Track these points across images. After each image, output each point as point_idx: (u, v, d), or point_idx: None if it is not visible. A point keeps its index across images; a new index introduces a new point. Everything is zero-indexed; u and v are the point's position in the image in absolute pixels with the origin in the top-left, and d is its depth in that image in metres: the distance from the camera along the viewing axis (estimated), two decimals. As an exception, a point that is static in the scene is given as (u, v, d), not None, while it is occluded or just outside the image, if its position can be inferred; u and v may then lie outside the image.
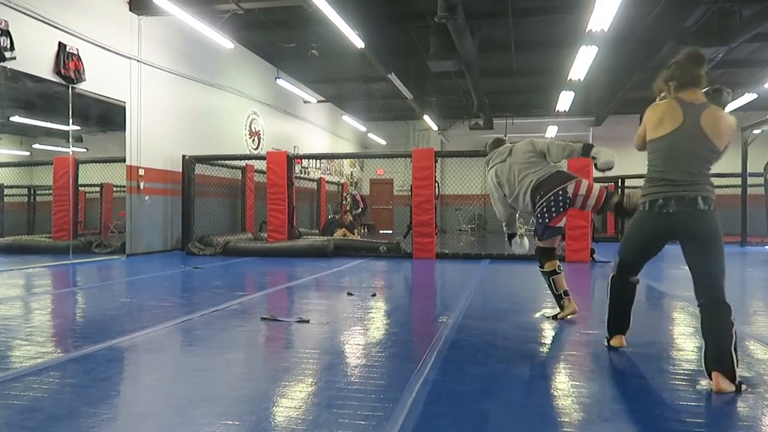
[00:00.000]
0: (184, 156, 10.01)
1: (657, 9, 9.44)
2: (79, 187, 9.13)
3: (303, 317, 4.03)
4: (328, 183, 16.86)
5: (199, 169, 10.30)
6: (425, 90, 15.39)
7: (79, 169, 8.92)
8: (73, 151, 8.39)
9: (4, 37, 6.65)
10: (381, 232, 17.72)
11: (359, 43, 9.09)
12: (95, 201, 10.12)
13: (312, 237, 11.09)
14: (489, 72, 13.79)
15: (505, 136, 18.44)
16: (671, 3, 9.20)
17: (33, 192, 9.70)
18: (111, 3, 8.56)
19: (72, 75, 7.68)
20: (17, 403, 2.30)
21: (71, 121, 7.92)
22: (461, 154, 11.80)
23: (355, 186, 20.64)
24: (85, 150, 9.17)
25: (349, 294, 5.19)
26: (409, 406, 2.27)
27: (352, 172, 20.60)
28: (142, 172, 9.16)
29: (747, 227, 11.94)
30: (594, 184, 4.02)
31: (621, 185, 14.31)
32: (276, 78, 13.38)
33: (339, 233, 11.69)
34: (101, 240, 9.32)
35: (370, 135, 20.10)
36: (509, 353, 3.15)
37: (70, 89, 7.73)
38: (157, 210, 9.62)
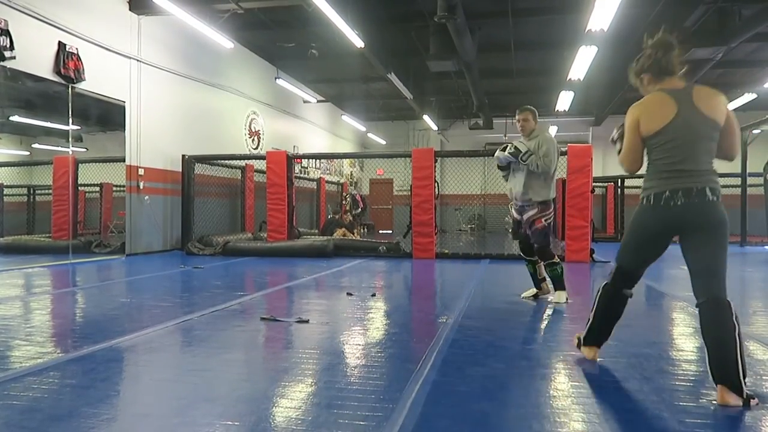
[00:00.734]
0: (183, 156, 10.01)
1: (657, 9, 9.44)
2: (79, 187, 9.13)
3: (303, 317, 4.03)
4: (327, 183, 16.86)
5: (199, 169, 10.30)
6: (425, 90, 15.39)
7: (79, 169, 8.92)
8: (73, 151, 8.39)
9: (3, 37, 6.65)
10: (381, 232, 17.72)
11: (359, 43, 9.09)
12: (95, 201, 10.11)
13: (312, 237, 11.09)
14: (489, 72, 13.79)
15: (505, 136, 18.52)
16: (671, 3, 9.20)
17: (33, 192, 9.70)
18: (111, 2, 8.56)
19: (72, 74, 7.67)
20: (17, 403, 2.30)
21: (71, 121, 7.92)
22: (461, 154, 11.82)
23: (355, 186, 20.64)
24: (85, 150, 9.16)
25: (349, 294, 5.19)
26: (409, 406, 2.27)
27: (351, 172, 20.60)
28: (141, 171, 9.16)
29: (747, 227, 11.94)
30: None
31: (621, 185, 14.33)
32: (276, 78, 13.38)
33: (339, 233, 11.69)
34: (101, 240, 9.31)
35: (369, 135, 20.10)
36: (509, 353, 3.15)
37: (69, 89, 7.73)
38: (157, 210, 9.62)
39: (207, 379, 2.66)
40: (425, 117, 16.42)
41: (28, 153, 9.40)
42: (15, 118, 8.34)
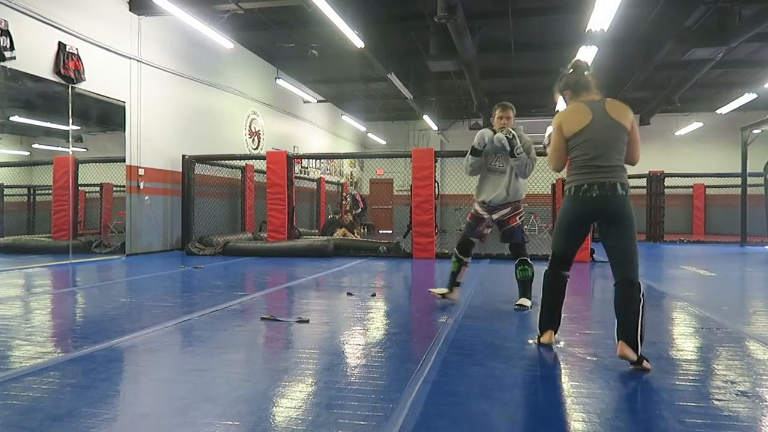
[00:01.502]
0: (183, 156, 10.01)
1: (657, 9, 9.44)
2: (79, 187, 9.13)
3: (303, 317, 4.03)
4: (327, 183, 16.86)
5: (199, 169, 10.30)
6: (425, 90, 15.39)
7: (79, 169, 8.92)
8: (73, 151, 8.39)
9: (3, 37, 6.65)
10: (381, 232, 17.72)
11: (359, 43, 9.09)
12: (95, 201, 10.12)
13: (312, 237, 11.09)
14: (489, 72, 13.79)
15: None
16: (671, 3, 9.20)
17: (33, 192, 9.70)
18: (111, 3, 8.56)
19: (72, 75, 7.68)
20: (17, 403, 2.30)
21: (71, 121, 7.92)
22: (461, 154, 11.73)
23: (355, 186, 20.64)
24: (85, 150, 9.17)
25: (349, 294, 5.19)
26: (409, 406, 2.27)
27: (351, 172, 20.60)
28: (141, 171, 9.16)
29: (747, 227, 11.93)
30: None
31: (621, 185, 14.31)
32: (276, 78, 13.38)
33: (339, 233, 11.69)
34: (101, 240, 9.32)
35: (369, 135, 20.09)
36: (509, 353, 3.15)
37: (69, 89, 7.73)
38: (157, 210, 9.62)
39: (207, 379, 2.66)
40: (425, 117, 16.42)
41: (28, 153, 9.40)
42: (15, 118, 8.34)
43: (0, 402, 2.32)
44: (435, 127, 18.15)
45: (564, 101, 3.26)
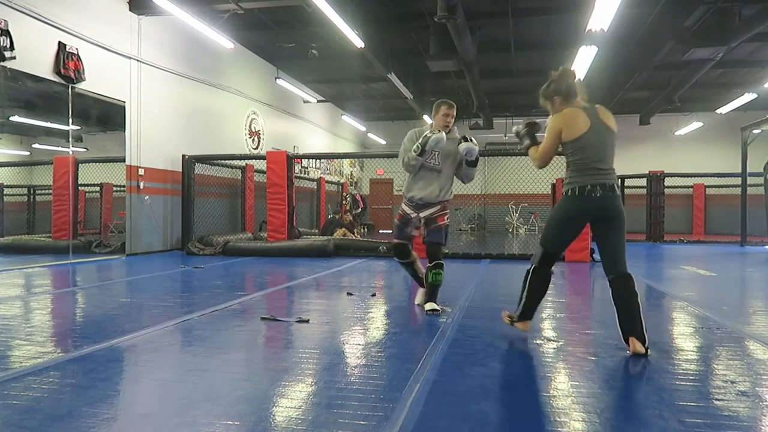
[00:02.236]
0: (183, 156, 10.01)
1: (657, 9, 9.44)
2: (79, 187, 9.13)
3: (303, 317, 4.03)
4: (328, 183, 16.86)
5: (199, 169, 10.30)
6: (425, 90, 15.38)
7: (79, 169, 8.92)
8: (73, 151, 8.39)
9: (3, 37, 6.65)
10: (381, 231, 17.72)
11: (359, 43, 9.09)
12: (95, 201, 10.12)
13: (312, 237, 11.09)
14: (489, 72, 13.79)
15: (505, 136, 18.51)
16: (671, 3, 9.19)
17: (33, 192, 9.70)
18: (111, 3, 8.56)
19: (72, 75, 7.68)
20: (17, 403, 2.30)
21: (71, 121, 7.92)
22: (461, 154, 11.79)
23: (355, 186, 20.64)
24: (85, 150, 9.17)
25: (349, 294, 5.19)
26: (409, 406, 2.27)
27: (351, 171, 20.59)
28: (142, 171, 9.16)
29: (747, 227, 11.93)
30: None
31: (621, 185, 14.32)
32: (276, 78, 13.38)
33: (339, 233, 11.68)
34: (101, 240, 9.32)
35: (369, 135, 20.08)
36: (509, 353, 3.15)
37: (69, 89, 7.73)
38: (157, 210, 9.62)
39: (207, 379, 2.66)
40: (425, 117, 16.42)
41: (28, 153, 9.40)
42: (15, 118, 8.34)
43: (0, 402, 2.32)
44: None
45: (550, 106, 3.33)
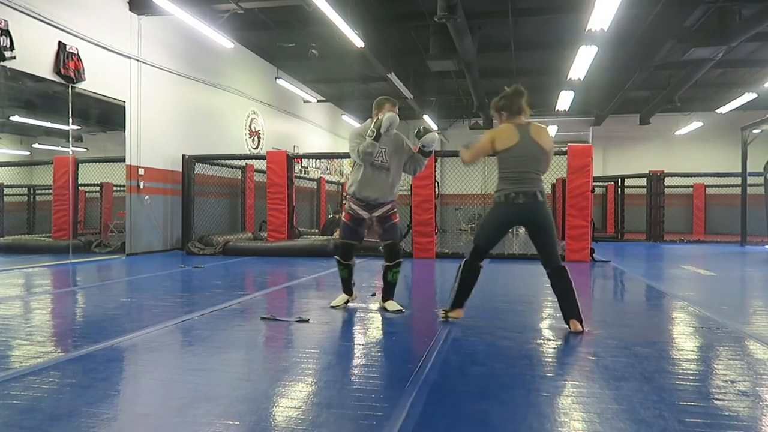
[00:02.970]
0: (183, 155, 10.01)
1: (657, 9, 9.43)
2: (79, 187, 9.13)
3: (303, 317, 4.03)
4: (328, 183, 16.86)
5: (199, 169, 10.30)
6: (425, 90, 15.39)
7: (79, 169, 8.92)
8: (73, 151, 8.39)
9: (3, 37, 6.65)
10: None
11: (359, 43, 9.09)
12: (95, 200, 10.12)
13: (312, 237, 11.08)
14: (489, 72, 13.79)
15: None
16: (671, 3, 9.19)
17: (33, 191, 9.70)
18: (111, 2, 8.55)
19: (72, 74, 7.67)
20: (17, 403, 2.30)
21: (71, 121, 7.91)
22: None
23: (355, 186, 20.60)
24: (85, 149, 9.16)
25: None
26: (409, 406, 2.27)
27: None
28: (142, 171, 9.16)
29: (747, 227, 11.93)
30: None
31: (621, 185, 14.34)
32: (276, 78, 13.38)
33: (339, 233, 11.67)
34: (101, 240, 9.31)
35: (370, 134, 20.04)
36: (509, 353, 3.15)
37: (69, 89, 7.73)
38: (157, 209, 9.62)
39: (207, 379, 2.66)
40: (425, 117, 16.42)
41: (28, 153, 9.40)
42: (15, 118, 8.34)
43: (0, 401, 2.32)
44: (435, 127, 18.14)
45: (497, 117, 3.82)
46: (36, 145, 9.38)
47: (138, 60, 9.06)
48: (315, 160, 16.52)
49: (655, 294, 5.63)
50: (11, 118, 8.26)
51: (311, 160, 16.23)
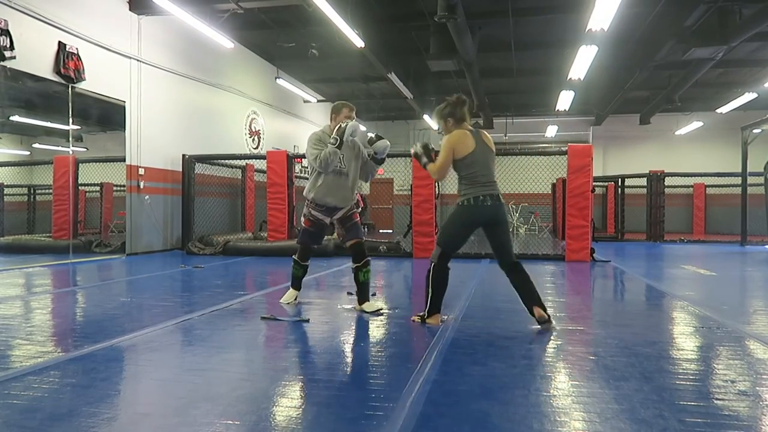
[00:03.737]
0: (184, 155, 10.01)
1: (657, 9, 9.43)
2: (79, 187, 9.14)
3: (303, 317, 4.03)
4: (328, 182, 16.83)
5: (199, 169, 10.30)
6: (425, 90, 15.38)
7: (79, 169, 8.92)
8: (73, 151, 8.39)
9: (3, 37, 6.65)
10: (381, 231, 17.71)
11: (359, 43, 9.09)
12: (95, 200, 10.13)
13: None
14: (489, 72, 13.78)
15: (505, 135, 18.54)
16: (671, 3, 9.19)
17: (33, 191, 9.71)
18: (111, 2, 8.56)
19: (72, 74, 7.68)
20: (17, 403, 2.30)
21: (71, 121, 7.92)
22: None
23: (355, 185, 20.59)
24: (85, 149, 9.17)
25: (349, 294, 5.19)
26: (409, 406, 2.27)
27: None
28: (142, 171, 9.16)
29: (747, 227, 11.93)
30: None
31: (621, 184, 14.33)
32: (276, 77, 13.38)
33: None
34: (101, 239, 9.32)
35: (369, 134, 20.03)
36: (509, 353, 3.15)
37: (70, 89, 7.73)
38: (157, 209, 9.62)
39: (207, 379, 2.66)
40: (425, 117, 16.42)
41: (28, 153, 9.41)
42: (15, 118, 8.34)
43: (0, 401, 2.32)
44: (435, 127, 18.11)
45: (443, 125, 3.90)
46: (36, 145, 9.38)
47: (138, 60, 9.06)
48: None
49: (656, 294, 5.63)
50: (11, 118, 8.26)
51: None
